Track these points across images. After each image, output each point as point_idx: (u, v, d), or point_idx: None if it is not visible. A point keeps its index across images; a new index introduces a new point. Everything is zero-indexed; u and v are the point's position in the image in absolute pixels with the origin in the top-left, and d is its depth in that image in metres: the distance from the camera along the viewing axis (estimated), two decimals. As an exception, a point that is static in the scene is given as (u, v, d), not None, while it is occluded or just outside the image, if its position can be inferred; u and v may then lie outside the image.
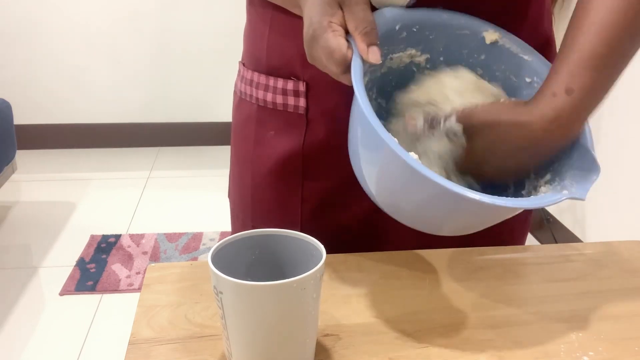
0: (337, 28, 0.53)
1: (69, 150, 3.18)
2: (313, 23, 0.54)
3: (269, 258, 0.53)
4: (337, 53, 0.52)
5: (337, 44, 0.52)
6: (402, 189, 0.54)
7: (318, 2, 0.54)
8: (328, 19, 0.53)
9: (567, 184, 0.54)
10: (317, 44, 0.53)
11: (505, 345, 0.55)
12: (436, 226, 0.59)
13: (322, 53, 0.53)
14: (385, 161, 0.53)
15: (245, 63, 0.75)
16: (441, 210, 0.55)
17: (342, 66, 0.53)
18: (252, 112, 0.73)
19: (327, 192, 0.72)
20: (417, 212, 0.57)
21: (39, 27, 2.96)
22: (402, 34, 0.61)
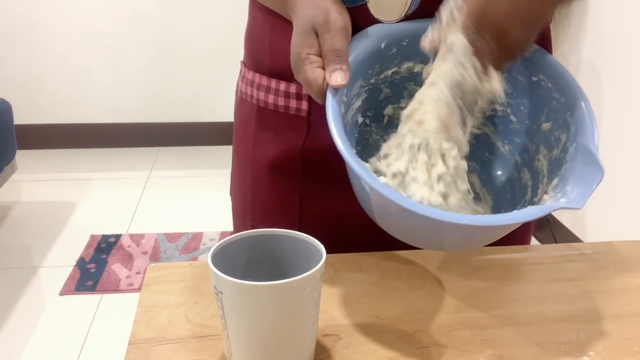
0: (315, 59, 0.55)
1: (69, 150, 3.18)
2: (294, 55, 0.56)
3: (269, 258, 0.53)
4: (313, 85, 0.54)
5: (313, 77, 0.54)
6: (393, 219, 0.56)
7: (298, 31, 0.57)
8: (306, 51, 0.55)
9: (569, 190, 0.53)
10: (298, 74, 0.56)
11: (505, 345, 0.55)
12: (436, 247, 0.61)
13: (302, 82, 0.56)
14: (371, 197, 0.55)
15: (247, 64, 0.75)
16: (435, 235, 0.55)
17: (321, 97, 0.55)
18: (252, 112, 0.73)
19: (326, 193, 0.72)
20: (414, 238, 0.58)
21: (39, 27, 2.96)
22: (392, 51, 0.61)
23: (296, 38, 0.57)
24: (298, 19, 0.58)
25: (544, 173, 0.61)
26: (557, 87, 0.60)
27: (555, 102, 0.60)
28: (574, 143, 0.57)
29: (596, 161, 0.54)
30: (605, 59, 2.05)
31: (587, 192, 0.51)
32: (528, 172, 0.64)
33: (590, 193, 0.51)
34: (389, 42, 0.60)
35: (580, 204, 0.50)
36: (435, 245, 0.61)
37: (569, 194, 0.52)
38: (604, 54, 2.06)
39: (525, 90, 0.63)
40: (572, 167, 0.56)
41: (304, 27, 0.56)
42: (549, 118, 0.61)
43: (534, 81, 0.62)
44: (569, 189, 0.53)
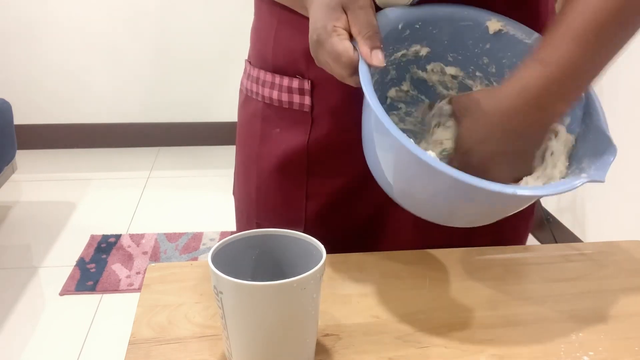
0: (342, 32, 0.53)
1: (69, 150, 3.18)
2: (318, 28, 0.54)
3: (269, 258, 0.53)
4: (344, 57, 0.53)
5: (343, 48, 0.53)
6: (416, 182, 0.54)
7: (322, 6, 0.55)
8: (332, 24, 0.53)
9: (585, 167, 0.53)
10: (322, 48, 0.54)
11: (505, 345, 0.55)
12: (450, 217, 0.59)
13: (329, 57, 0.54)
14: (399, 158, 0.53)
15: (252, 61, 0.75)
16: (456, 202, 0.54)
17: (349, 69, 0.53)
18: (258, 109, 0.73)
19: (331, 189, 0.72)
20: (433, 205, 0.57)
21: (39, 27, 2.96)
22: (406, 32, 0.61)
23: (319, 12, 0.55)
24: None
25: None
26: None
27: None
28: (582, 125, 0.58)
29: (608, 138, 0.54)
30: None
31: (605, 166, 0.52)
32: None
33: (608, 166, 0.52)
34: (405, 24, 0.60)
35: (603, 176, 0.51)
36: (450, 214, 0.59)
37: (588, 170, 0.53)
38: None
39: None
40: (584, 146, 0.56)
41: (330, 2, 0.54)
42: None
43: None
44: (585, 165, 0.53)
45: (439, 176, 0.50)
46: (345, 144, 0.66)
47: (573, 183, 0.52)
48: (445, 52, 0.65)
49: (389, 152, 0.55)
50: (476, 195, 0.51)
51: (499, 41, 0.63)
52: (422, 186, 0.54)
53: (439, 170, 0.49)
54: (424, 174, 0.52)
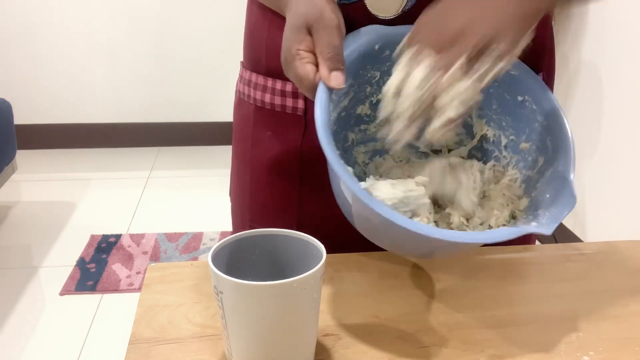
0: (305, 55, 0.54)
1: (69, 150, 3.18)
2: (284, 50, 0.56)
3: (269, 258, 0.53)
4: (305, 81, 0.54)
5: (304, 72, 0.54)
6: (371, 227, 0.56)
7: (290, 27, 0.56)
8: (296, 47, 0.54)
9: (539, 214, 0.53)
10: (288, 70, 0.55)
11: (505, 345, 0.55)
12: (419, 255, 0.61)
13: (293, 79, 0.55)
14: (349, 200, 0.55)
15: (245, 64, 0.75)
16: (411, 245, 0.56)
17: (312, 92, 0.54)
18: (249, 112, 0.73)
19: (324, 192, 0.72)
20: (394, 247, 0.59)
21: (39, 27, 2.97)
22: (385, 53, 0.61)
23: (287, 33, 0.56)
24: (291, 15, 0.57)
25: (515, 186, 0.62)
26: (541, 110, 0.60)
27: (537, 125, 0.60)
28: (550, 168, 0.58)
29: (570, 190, 0.53)
30: (605, 59, 2.05)
31: (557, 219, 0.51)
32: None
33: (560, 220, 0.51)
34: (383, 44, 0.60)
35: (550, 230, 0.50)
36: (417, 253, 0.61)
37: (540, 218, 0.52)
38: (604, 54, 2.06)
39: (510, 108, 0.63)
40: (546, 191, 0.56)
41: (296, 22, 0.55)
42: (529, 139, 0.61)
43: (520, 101, 0.62)
44: (541, 212, 0.53)
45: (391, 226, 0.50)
46: None
47: (519, 230, 0.51)
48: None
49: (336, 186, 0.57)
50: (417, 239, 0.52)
51: None
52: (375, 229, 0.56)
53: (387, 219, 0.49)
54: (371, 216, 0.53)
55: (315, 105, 0.53)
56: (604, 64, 2.06)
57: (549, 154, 0.58)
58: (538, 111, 0.60)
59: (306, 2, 0.56)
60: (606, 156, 2.02)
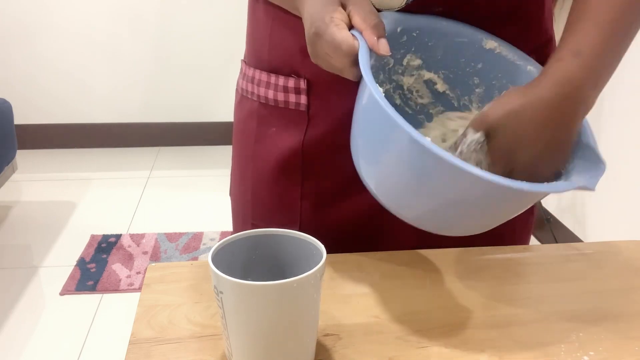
0: (340, 22, 0.53)
1: (69, 150, 3.18)
2: (315, 20, 0.54)
3: (269, 258, 0.53)
4: (344, 45, 0.52)
5: (342, 37, 0.52)
6: (419, 179, 0.51)
7: (319, 1, 0.55)
8: (330, 15, 0.53)
9: (574, 180, 0.53)
10: (321, 39, 0.53)
11: (505, 345, 0.55)
12: (449, 223, 0.56)
13: (328, 48, 0.53)
14: (400, 150, 0.50)
15: (247, 61, 0.75)
16: (465, 203, 0.52)
17: (350, 58, 0.53)
18: (253, 109, 0.73)
19: (327, 189, 0.72)
20: (432, 207, 0.54)
21: (39, 27, 2.96)
22: (403, 38, 0.61)
23: (316, 6, 0.54)
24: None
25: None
26: None
27: None
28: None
29: (597, 156, 0.54)
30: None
31: (595, 178, 0.52)
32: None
33: (598, 178, 0.52)
34: (403, 29, 0.60)
35: (593, 186, 0.51)
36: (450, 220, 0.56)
37: (578, 183, 0.52)
38: (604, 54, 2.06)
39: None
40: (572, 163, 0.56)
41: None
42: None
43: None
44: (575, 179, 0.53)
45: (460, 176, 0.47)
46: (342, 143, 0.66)
47: (564, 185, 0.51)
48: (436, 67, 0.65)
49: (393, 147, 0.51)
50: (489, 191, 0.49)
51: (491, 61, 0.63)
52: (423, 180, 0.51)
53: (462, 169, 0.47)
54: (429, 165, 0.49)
55: (361, 65, 0.51)
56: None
57: None
58: None
59: None
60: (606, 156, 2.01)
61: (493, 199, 0.51)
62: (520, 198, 0.53)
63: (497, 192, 0.49)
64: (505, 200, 0.53)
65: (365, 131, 0.55)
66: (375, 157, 0.55)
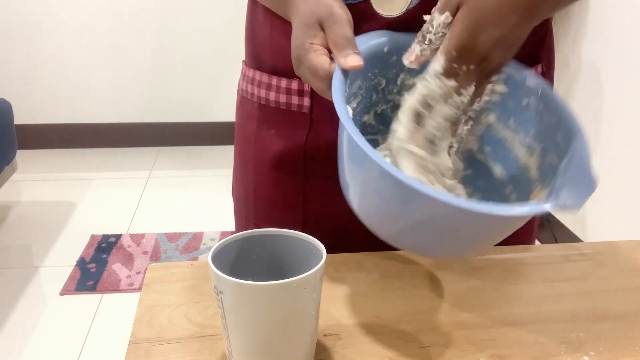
0: (319, 48, 0.55)
1: (69, 150, 3.18)
2: (297, 46, 0.56)
3: (269, 258, 0.53)
4: (320, 70, 0.54)
5: (319, 62, 0.54)
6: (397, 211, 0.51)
7: (300, 24, 0.56)
8: (309, 41, 0.55)
9: (563, 197, 0.52)
10: (302, 64, 0.56)
11: (505, 345, 0.55)
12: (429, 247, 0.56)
13: (307, 73, 0.55)
14: (374, 181, 0.51)
15: (248, 62, 0.75)
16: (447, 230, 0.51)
17: (326, 82, 0.54)
18: (253, 110, 0.73)
19: (329, 190, 0.72)
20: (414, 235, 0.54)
21: (39, 27, 2.97)
22: (393, 58, 0.60)
23: (298, 31, 0.56)
24: (300, 14, 0.57)
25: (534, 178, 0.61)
26: (548, 108, 0.60)
27: (544, 124, 0.60)
28: (564, 159, 0.57)
29: (589, 174, 0.53)
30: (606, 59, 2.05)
31: (582, 198, 0.51)
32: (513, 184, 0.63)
33: (585, 199, 0.51)
34: (391, 48, 0.60)
35: (579, 206, 0.49)
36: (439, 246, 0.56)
37: (565, 200, 0.51)
38: (604, 54, 2.06)
39: (514, 113, 0.62)
40: (564, 180, 0.55)
41: (307, 20, 0.56)
42: (538, 139, 0.61)
43: (523, 105, 0.61)
44: (564, 196, 0.52)
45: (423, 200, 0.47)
46: None
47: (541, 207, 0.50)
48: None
49: (364, 176, 0.52)
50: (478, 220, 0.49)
51: None
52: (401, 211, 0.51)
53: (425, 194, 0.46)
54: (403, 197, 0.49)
55: (333, 93, 0.52)
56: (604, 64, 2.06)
57: (561, 149, 0.58)
58: (545, 109, 0.60)
59: (314, 1, 0.57)
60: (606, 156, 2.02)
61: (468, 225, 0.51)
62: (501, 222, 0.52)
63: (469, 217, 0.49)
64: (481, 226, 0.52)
65: (341, 155, 0.56)
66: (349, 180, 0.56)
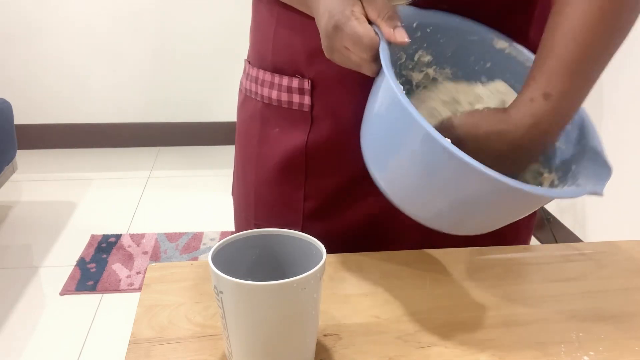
0: (360, 16, 0.54)
1: (69, 150, 3.18)
2: (335, 14, 0.54)
3: (269, 258, 0.53)
4: (365, 38, 0.53)
5: (364, 30, 0.53)
6: (432, 177, 0.51)
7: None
8: (350, 8, 0.54)
9: (582, 184, 0.53)
10: (341, 32, 0.54)
11: (505, 345, 0.55)
12: (459, 222, 0.56)
13: (348, 41, 0.54)
14: (417, 147, 0.50)
15: (251, 61, 0.75)
16: (476, 202, 0.52)
17: (371, 51, 0.53)
18: (257, 109, 0.73)
19: (329, 190, 0.72)
20: (444, 206, 0.54)
21: (39, 27, 2.96)
22: (417, 33, 0.61)
23: (334, 1, 0.55)
24: None
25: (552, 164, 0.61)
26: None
27: None
28: (577, 146, 0.58)
29: (604, 160, 0.55)
30: (606, 59, 2.05)
31: (602, 182, 0.52)
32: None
33: (605, 182, 0.52)
34: (418, 24, 0.60)
35: (601, 191, 0.51)
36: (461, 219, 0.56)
37: (585, 186, 0.53)
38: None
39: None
40: (579, 166, 0.56)
41: None
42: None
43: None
44: (582, 182, 0.54)
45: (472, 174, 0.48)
46: (345, 143, 0.67)
47: (576, 191, 0.52)
48: (445, 64, 0.65)
49: (409, 143, 0.51)
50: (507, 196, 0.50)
51: (500, 61, 0.63)
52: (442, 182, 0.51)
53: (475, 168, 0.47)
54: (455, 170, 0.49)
55: (382, 59, 0.51)
56: (604, 64, 2.05)
57: (569, 136, 0.59)
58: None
59: None
60: (606, 156, 2.02)
61: (504, 199, 0.52)
62: (530, 200, 0.54)
63: (509, 193, 0.50)
64: (515, 201, 0.53)
65: (380, 127, 0.55)
66: (388, 154, 0.55)
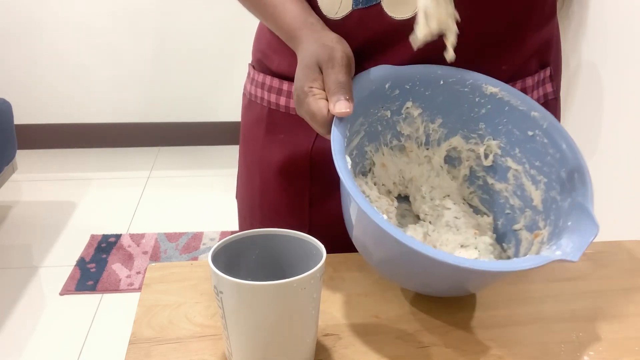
0: (317, 92, 0.56)
1: (69, 150, 3.18)
2: (297, 88, 0.57)
3: (269, 258, 0.53)
4: (318, 116, 0.55)
5: (317, 108, 0.55)
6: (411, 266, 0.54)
7: (302, 66, 0.57)
8: (309, 85, 0.56)
9: (564, 244, 0.52)
10: (300, 107, 0.57)
11: (505, 345, 0.55)
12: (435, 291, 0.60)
13: (306, 115, 0.56)
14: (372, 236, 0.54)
15: (256, 66, 0.75)
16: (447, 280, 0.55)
17: (324, 127, 0.55)
18: (262, 114, 0.73)
19: (335, 194, 0.72)
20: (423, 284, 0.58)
21: (39, 26, 2.96)
22: (395, 92, 0.61)
23: (299, 72, 0.57)
24: (302, 54, 0.59)
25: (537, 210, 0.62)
26: (553, 144, 0.60)
27: (550, 158, 0.60)
28: (568, 199, 0.57)
29: (592, 218, 0.53)
30: (606, 59, 2.05)
31: (582, 246, 0.51)
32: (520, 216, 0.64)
33: (585, 247, 0.51)
34: (393, 83, 0.61)
35: (576, 257, 0.50)
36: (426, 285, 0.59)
37: (564, 248, 0.52)
38: (604, 54, 2.06)
39: (518, 143, 0.63)
40: (567, 220, 0.55)
41: (308, 62, 0.57)
42: (541, 172, 0.61)
43: (530, 135, 0.62)
44: (564, 242, 0.52)
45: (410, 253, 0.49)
46: None
47: (544, 258, 0.50)
48: (437, 115, 0.65)
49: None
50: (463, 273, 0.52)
51: (495, 106, 0.63)
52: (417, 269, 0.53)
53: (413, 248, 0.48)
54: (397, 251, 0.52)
55: (332, 140, 0.53)
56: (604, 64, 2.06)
57: (565, 186, 0.58)
58: (550, 144, 0.60)
59: (317, 43, 0.58)
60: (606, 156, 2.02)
61: (472, 278, 0.54)
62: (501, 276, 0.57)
63: (474, 274, 0.52)
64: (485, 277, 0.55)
65: (345, 208, 0.58)
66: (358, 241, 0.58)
